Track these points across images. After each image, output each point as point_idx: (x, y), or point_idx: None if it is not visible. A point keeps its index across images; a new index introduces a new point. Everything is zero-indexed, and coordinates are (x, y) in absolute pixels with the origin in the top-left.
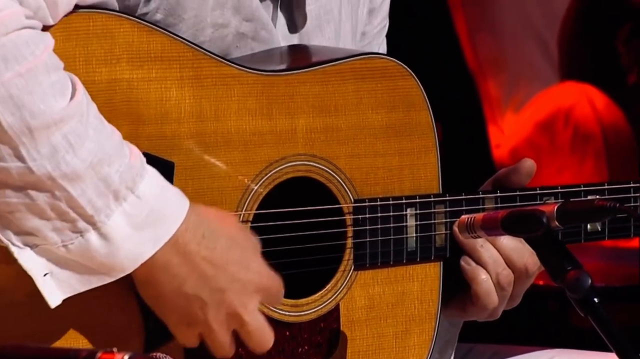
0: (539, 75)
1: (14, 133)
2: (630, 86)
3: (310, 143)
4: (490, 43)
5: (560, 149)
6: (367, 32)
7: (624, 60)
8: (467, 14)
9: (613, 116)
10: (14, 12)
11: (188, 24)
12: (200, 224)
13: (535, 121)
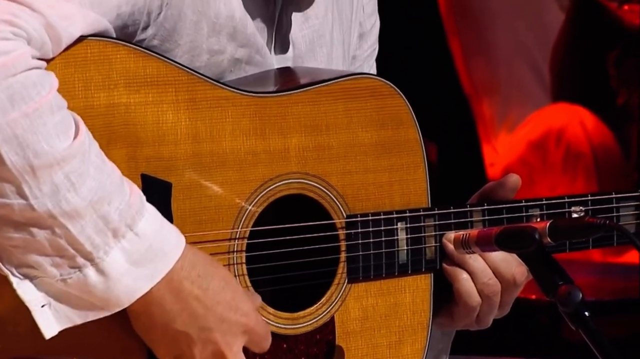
0: (532, 97)
1: (17, 171)
2: (620, 107)
3: (303, 161)
4: (485, 66)
5: (552, 168)
6: (357, 55)
7: (613, 82)
8: (462, 38)
9: (603, 136)
10: (22, 53)
11: (184, 49)
12: (196, 263)
13: (528, 140)
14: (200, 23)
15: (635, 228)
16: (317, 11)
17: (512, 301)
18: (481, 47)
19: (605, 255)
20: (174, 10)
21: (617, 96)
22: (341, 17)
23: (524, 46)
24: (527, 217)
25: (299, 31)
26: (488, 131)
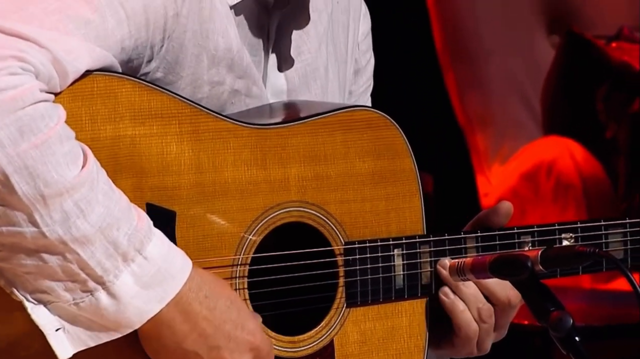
0: (524, 130)
1: (28, 201)
2: (608, 140)
3: (303, 190)
4: (479, 100)
5: (543, 198)
6: (353, 91)
7: (602, 117)
8: (457, 73)
9: (592, 168)
10: (30, 87)
11: (186, 81)
12: (202, 284)
13: (520, 172)
14: (201, 55)
15: (623, 254)
16: (310, 46)
17: (508, 323)
18: (475, 82)
19: (594, 282)
20: (175, 43)
21: (606, 129)
22: (336, 53)
23: (516, 81)
24: (519, 244)
25: (290, 66)
26: (482, 163)
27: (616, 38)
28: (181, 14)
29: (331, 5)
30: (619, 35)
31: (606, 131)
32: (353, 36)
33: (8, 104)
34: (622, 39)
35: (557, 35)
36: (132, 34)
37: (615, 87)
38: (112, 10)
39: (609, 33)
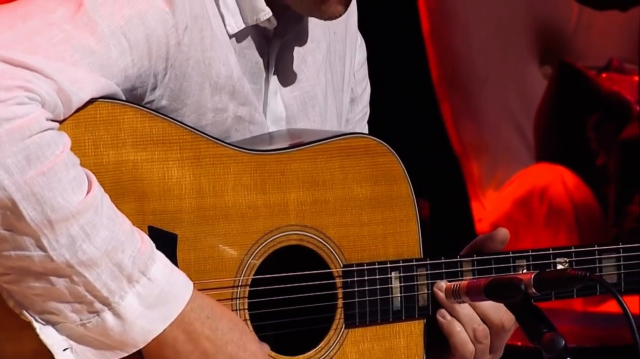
0: (517, 158)
1: (36, 226)
2: (599, 167)
3: (302, 214)
4: (473, 129)
5: (536, 223)
6: (350, 118)
7: (593, 145)
8: (453, 103)
9: (583, 194)
10: (36, 116)
11: (191, 108)
12: (204, 306)
13: (514, 197)
14: (204, 83)
15: (617, 278)
16: (308, 74)
17: (503, 345)
18: (470, 111)
19: (586, 305)
20: (178, 72)
21: (596, 157)
22: (334, 81)
23: (509, 111)
24: (514, 268)
25: (290, 93)
26: (477, 189)
27: (606, 69)
28: (183, 43)
29: (329, 35)
30: (609, 67)
31: (597, 158)
32: (349, 65)
33: (16, 132)
34: (612, 70)
35: (549, 66)
36: (135, 62)
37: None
38: (116, 40)
39: (599, 64)
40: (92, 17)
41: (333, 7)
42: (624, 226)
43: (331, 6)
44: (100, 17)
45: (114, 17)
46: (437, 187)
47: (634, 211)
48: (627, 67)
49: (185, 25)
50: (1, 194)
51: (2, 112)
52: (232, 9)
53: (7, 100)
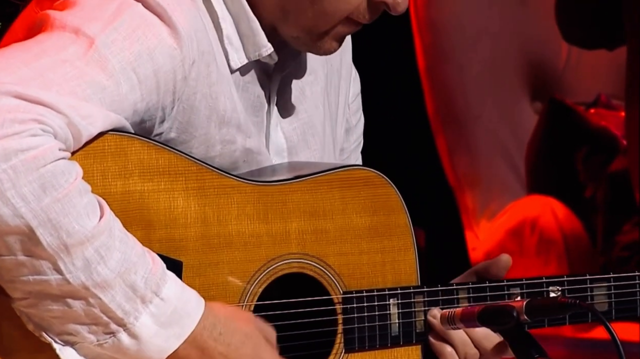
0: (509, 190)
1: (53, 250)
2: (587, 199)
3: (303, 243)
4: (467, 162)
5: (527, 252)
6: (345, 148)
7: (582, 177)
8: (448, 137)
9: (572, 225)
10: (50, 147)
11: (200, 140)
12: (217, 321)
13: (506, 228)
14: (212, 116)
15: (608, 306)
16: (307, 106)
17: None
18: (464, 145)
19: (576, 331)
20: (186, 105)
21: (585, 189)
22: (330, 111)
23: (502, 144)
24: (508, 296)
25: (289, 125)
26: (470, 219)
27: (594, 105)
28: (190, 77)
29: (325, 69)
30: (597, 102)
31: (585, 190)
32: (344, 97)
33: (30, 162)
34: (600, 106)
35: (540, 102)
36: (143, 97)
37: (593, 150)
38: (126, 76)
39: (588, 100)
40: (103, 54)
41: (328, 44)
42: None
43: (326, 43)
44: (112, 53)
45: (124, 53)
46: (433, 217)
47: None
48: (614, 103)
49: (193, 60)
50: (19, 222)
51: (18, 143)
52: (235, 45)
53: (22, 132)
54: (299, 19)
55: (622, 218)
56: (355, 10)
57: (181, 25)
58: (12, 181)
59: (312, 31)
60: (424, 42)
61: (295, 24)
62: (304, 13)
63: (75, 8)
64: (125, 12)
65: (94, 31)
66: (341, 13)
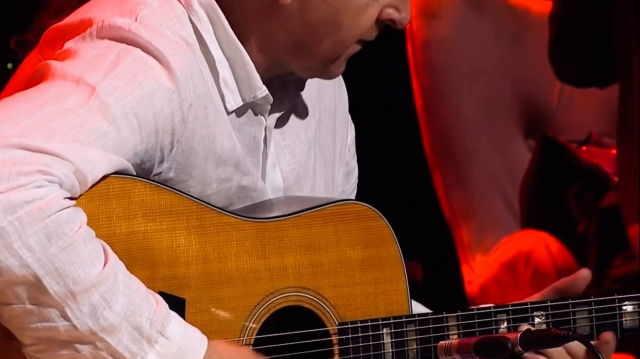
0: (504, 224)
1: (60, 298)
2: (580, 234)
3: (299, 277)
4: (463, 197)
5: (521, 286)
6: (345, 190)
7: (574, 212)
8: (444, 172)
9: (565, 259)
10: (55, 197)
11: (197, 180)
12: (219, 358)
13: (501, 262)
14: (209, 156)
15: (589, 329)
16: (302, 149)
17: None
18: (459, 181)
19: None
20: (184, 146)
21: (578, 224)
22: (324, 155)
23: (496, 180)
24: (495, 322)
25: (287, 166)
26: (466, 253)
27: (586, 142)
28: (188, 120)
29: (318, 113)
30: (588, 140)
31: (578, 225)
32: (342, 140)
33: (36, 214)
34: (592, 144)
35: (533, 139)
36: (143, 140)
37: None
38: (127, 121)
39: (579, 138)
40: (105, 101)
41: (339, 67)
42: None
43: (338, 67)
44: (114, 99)
45: (126, 99)
46: (429, 251)
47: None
48: (605, 141)
49: (190, 103)
50: (25, 272)
51: (23, 195)
52: (231, 87)
53: (27, 184)
54: (315, 50)
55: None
56: (366, 31)
57: (179, 69)
58: (18, 232)
59: (327, 59)
60: (421, 83)
61: (310, 55)
62: (320, 43)
63: (76, 58)
64: (125, 58)
65: (95, 79)
66: (355, 37)
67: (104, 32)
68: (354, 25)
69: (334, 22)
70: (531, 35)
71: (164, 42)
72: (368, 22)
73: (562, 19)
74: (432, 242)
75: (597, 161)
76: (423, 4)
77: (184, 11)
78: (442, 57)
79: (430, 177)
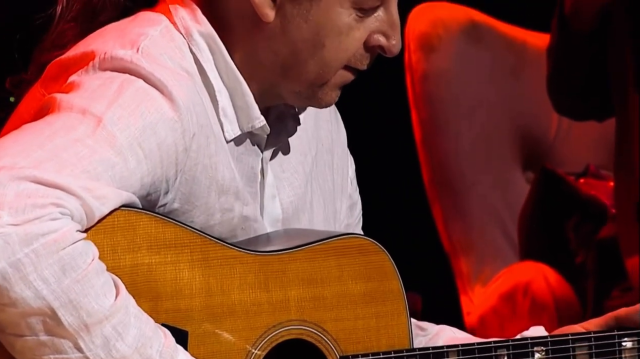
0: (502, 256)
1: (73, 330)
2: (578, 265)
3: (301, 310)
4: (462, 228)
5: (520, 317)
6: (350, 223)
7: (572, 244)
8: (443, 204)
9: (564, 290)
10: (69, 229)
11: (201, 210)
12: None
13: (500, 293)
14: (212, 186)
15: None
16: (300, 182)
17: None
18: (459, 213)
19: None
20: (188, 176)
21: (576, 256)
22: (322, 190)
23: (495, 212)
24: (496, 357)
25: (287, 198)
26: (465, 285)
27: (584, 175)
28: (191, 149)
29: (315, 149)
30: (586, 173)
31: (576, 256)
32: (342, 174)
33: (51, 246)
34: (589, 176)
35: (532, 171)
36: (149, 171)
37: (583, 218)
38: (132, 151)
39: (577, 170)
40: (111, 131)
41: (329, 95)
42: None
43: (327, 95)
44: (118, 129)
45: (130, 129)
46: (429, 282)
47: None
48: (603, 174)
49: (193, 133)
50: (41, 303)
51: (39, 228)
52: (230, 117)
53: (43, 216)
54: (300, 73)
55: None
56: (353, 57)
57: (181, 99)
58: (34, 264)
59: (313, 83)
60: (420, 115)
61: (296, 78)
62: (304, 66)
63: (80, 90)
64: (128, 89)
65: (100, 110)
66: (340, 61)
67: (107, 64)
68: (338, 47)
69: (317, 42)
70: (529, 68)
71: (165, 73)
72: (353, 45)
73: (560, 53)
74: (432, 274)
75: (595, 193)
76: (422, 37)
77: (184, 41)
78: (441, 90)
79: (429, 209)
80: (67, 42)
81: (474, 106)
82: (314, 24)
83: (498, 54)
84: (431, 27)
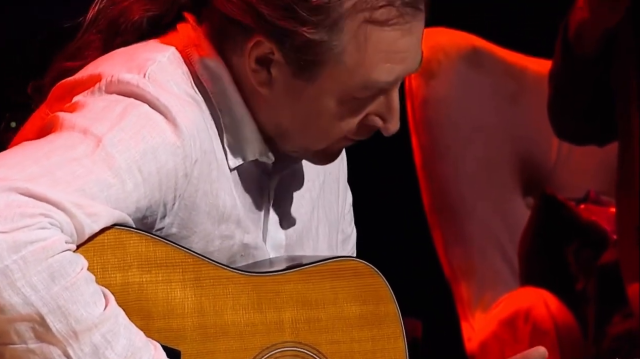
0: (503, 282)
1: (62, 337)
2: (578, 291)
3: (296, 332)
4: (462, 254)
5: (520, 343)
6: None
7: (573, 270)
8: (443, 230)
9: (564, 316)
10: (58, 239)
11: (200, 236)
12: None
13: (500, 319)
14: (212, 212)
15: None
16: (306, 209)
17: None
18: (459, 238)
19: None
20: (187, 202)
21: (576, 281)
22: (328, 218)
23: (495, 238)
24: None
25: (290, 224)
26: (466, 311)
27: (584, 200)
28: (192, 176)
29: (323, 176)
30: (586, 198)
31: (577, 282)
32: (342, 205)
33: (40, 253)
34: (590, 202)
35: (532, 197)
36: (146, 194)
37: (584, 243)
38: (130, 174)
39: (578, 196)
40: (110, 153)
41: (325, 159)
42: (602, 346)
43: (323, 159)
44: (118, 152)
45: (130, 152)
46: (429, 308)
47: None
48: (603, 199)
49: (195, 159)
50: (29, 310)
51: (27, 235)
52: (235, 145)
53: (32, 225)
54: (294, 137)
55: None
56: (349, 132)
57: (185, 124)
58: (22, 271)
59: (308, 149)
60: (420, 141)
61: (291, 141)
62: (298, 133)
63: (84, 110)
64: (131, 112)
65: (102, 131)
66: (333, 136)
67: (113, 87)
68: (330, 128)
69: (308, 122)
70: (529, 94)
71: (170, 98)
72: (348, 126)
73: (563, 77)
74: (432, 299)
75: (596, 218)
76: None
77: (192, 69)
78: (442, 116)
79: (430, 234)
80: (88, 55)
81: (474, 131)
82: (306, 105)
83: (498, 80)
84: (431, 53)
